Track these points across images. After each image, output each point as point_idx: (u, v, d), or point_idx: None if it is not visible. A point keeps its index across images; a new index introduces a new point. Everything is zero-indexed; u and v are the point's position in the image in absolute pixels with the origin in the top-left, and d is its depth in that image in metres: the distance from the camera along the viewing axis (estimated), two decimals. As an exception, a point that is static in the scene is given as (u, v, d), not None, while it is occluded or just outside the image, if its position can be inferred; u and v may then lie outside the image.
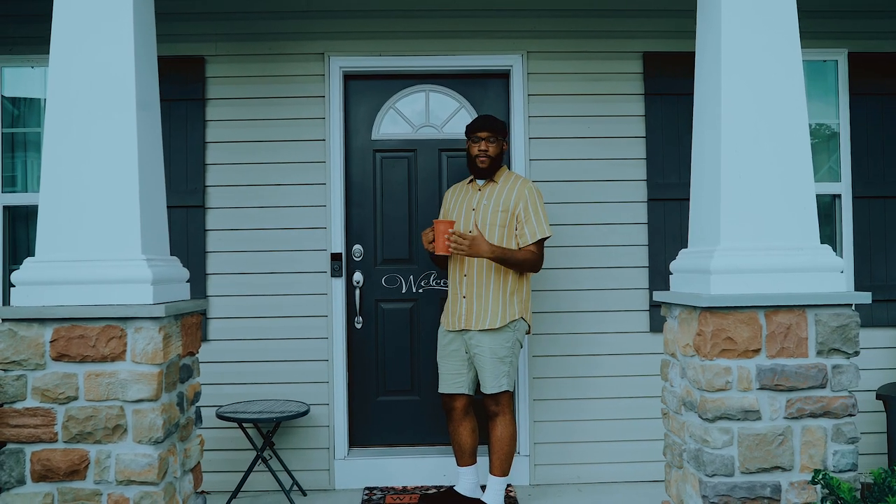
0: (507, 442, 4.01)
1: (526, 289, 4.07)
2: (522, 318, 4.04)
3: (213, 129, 4.63)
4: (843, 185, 4.79)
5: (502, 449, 4.01)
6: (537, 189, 4.09)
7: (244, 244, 4.61)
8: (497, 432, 4.02)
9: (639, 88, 4.72)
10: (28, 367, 2.86)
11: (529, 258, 3.98)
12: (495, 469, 4.04)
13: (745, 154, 2.99)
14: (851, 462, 2.91)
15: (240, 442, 4.46)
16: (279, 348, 4.59)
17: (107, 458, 2.85)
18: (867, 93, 4.77)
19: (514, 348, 4.01)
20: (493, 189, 4.10)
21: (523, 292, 4.05)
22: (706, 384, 2.89)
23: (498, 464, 4.03)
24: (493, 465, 4.04)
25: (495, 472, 4.04)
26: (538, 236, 3.99)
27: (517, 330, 4.03)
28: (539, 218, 4.00)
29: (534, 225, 4.00)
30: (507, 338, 3.99)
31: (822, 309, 2.93)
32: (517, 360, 4.07)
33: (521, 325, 4.05)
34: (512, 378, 4.03)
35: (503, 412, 4.00)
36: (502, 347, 3.97)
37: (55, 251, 2.95)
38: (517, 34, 4.71)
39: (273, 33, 4.66)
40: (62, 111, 2.98)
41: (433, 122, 4.93)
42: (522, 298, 4.05)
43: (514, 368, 4.04)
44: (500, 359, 3.97)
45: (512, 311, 3.99)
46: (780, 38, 3.04)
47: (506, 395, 4.00)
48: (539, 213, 4.01)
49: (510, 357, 3.99)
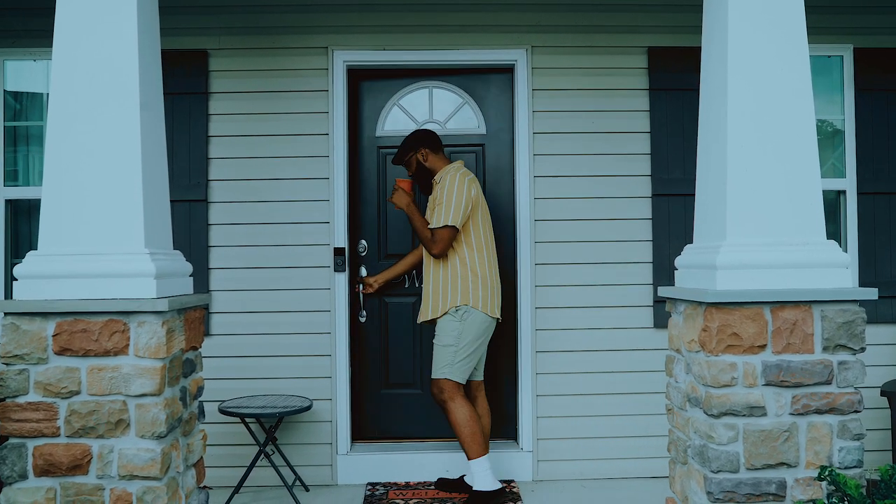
0: (459, 428, 4.07)
1: (469, 277, 4.12)
2: (471, 307, 4.09)
3: (216, 123, 4.62)
4: (848, 181, 4.78)
5: (458, 436, 4.09)
6: (455, 182, 4.13)
7: (247, 239, 4.60)
8: (449, 420, 4.12)
9: (643, 83, 4.70)
10: (30, 361, 2.84)
11: (424, 235, 4.16)
12: (468, 454, 4.11)
13: (751, 149, 2.97)
14: (857, 459, 2.89)
15: (242, 437, 4.45)
16: (282, 343, 4.59)
17: (109, 453, 2.84)
18: (873, 88, 4.75)
19: (460, 337, 4.08)
20: (434, 191, 4.29)
21: (468, 281, 4.11)
22: (711, 380, 2.87)
23: (466, 448, 4.10)
24: (465, 451, 4.13)
25: (470, 456, 4.10)
26: (435, 225, 4.11)
27: (463, 319, 4.09)
28: (441, 209, 4.10)
29: (437, 213, 4.12)
30: (451, 327, 4.10)
31: (828, 305, 2.91)
32: (470, 348, 4.10)
33: (468, 314, 4.10)
34: (462, 368, 4.09)
35: (448, 398, 4.08)
36: (446, 335, 4.10)
37: (58, 245, 2.93)
38: (522, 28, 4.69)
39: (276, 27, 4.64)
40: (65, 104, 2.96)
41: (437, 119, 4.93)
42: (466, 287, 4.11)
43: (464, 357, 4.09)
44: (444, 346, 4.09)
45: (448, 300, 4.11)
46: (786, 34, 3.01)
47: (448, 383, 4.08)
48: (444, 203, 4.10)
49: (454, 346, 4.07)
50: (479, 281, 4.13)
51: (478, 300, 4.11)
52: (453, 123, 4.92)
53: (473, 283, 4.13)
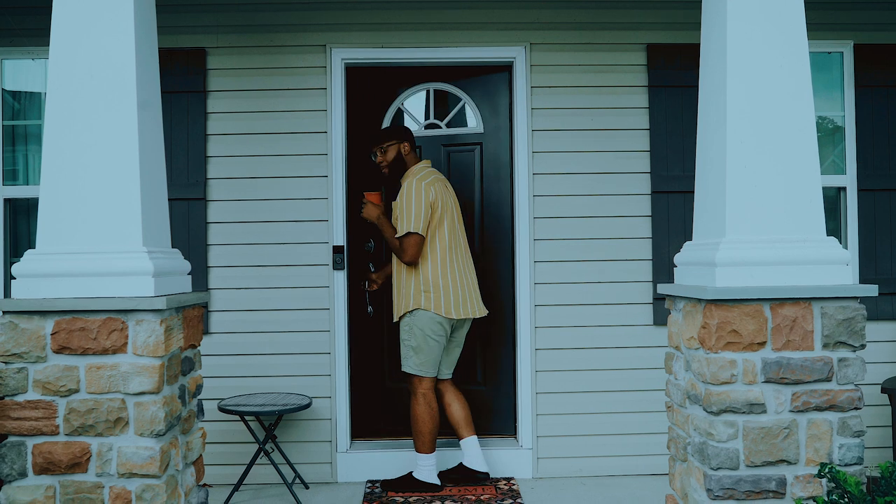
0: (413, 422, 4.34)
1: (422, 281, 4.32)
2: (421, 308, 4.31)
3: (214, 121, 4.61)
4: (848, 177, 4.77)
5: (413, 427, 4.36)
6: (410, 187, 4.29)
7: (246, 237, 4.60)
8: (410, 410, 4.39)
9: (643, 80, 4.69)
10: (29, 359, 2.84)
11: (393, 244, 4.36)
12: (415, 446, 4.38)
13: (751, 146, 2.97)
14: (857, 456, 2.89)
15: (242, 435, 4.45)
16: (281, 341, 4.58)
17: (108, 451, 2.84)
18: (873, 84, 4.74)
19: (412, 334, 4.33)
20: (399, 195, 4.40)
21: (420, 284, 4.33)
22: (711, 377, 2.87)
23: (414, 441, 4.38)
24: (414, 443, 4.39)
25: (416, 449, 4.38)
26: (400, 234, 4.31)
27: (415, 317, 4.33)
28: (403, 216, 4.29)
29: (400, 221, 4.31)
30: (407, 326, 4.36)
31: (828, 302, 2.91)
32: (425, 344, 4.30)
33: (419, 314, 4.32)
34: (421, 362, 4.32)
35: (413, 392, 4.36)
36: (405, 333, 4.37)
37: (56, 243, 2.93)
38: (520, 25, 4.68)
39: (275, 25, 4.63)
40: (63, 103, 2.96)
41: (435, 118, 4.94)
42: (419, 290, 4.32)
43: (423, 353, 4.32)
44: (403, 342, 4.37)
45: (406, 304, 4.35)
46: (786, 30, 3.01)
47: (415, 378, 4.35)
48: (404, 211, 4.29)
49: (411, 342, 4.33)
50: (432, 287, 4.31)
51: (429, 303, 4.30)
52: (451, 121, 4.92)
53: (426, 289, 4.31)
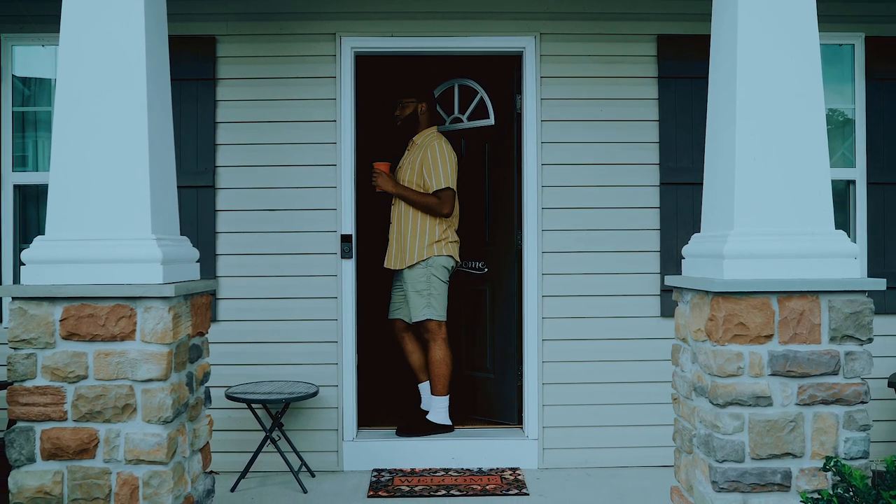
0: (438, 364, 4.68)
1: (437, 233, 4.68)
2: (435, 255, 4.67)
3: (223, 109, 4.61)
4: (857, 170, 4.74)
5: (435, 370, 4.69)
6: (442, 147, 4.68)
7: (254, 225, 4.60)
8: (430, 356, 4.72)
9: (652, 71, 4.67)
10: (38, 345, 2.86)
11: (429, 201, 4.66)
12: (434, 390, 4.72)
13: (760, 138, 2.96)
14: (863, 449, 2.89)
15: (249, 422, 4.46)
16: (288, 329, 4.60)
17: (116, 438, 2.86)
18: (885, 77, 4.70)
19: (430, 282, 4.65)
20: (413, 151, 4.80)
21: (435, 235, 4.67)
22: (717, 369, 2.87)
23: (435, 384, 4.70)
24: (433, 386, 4.73)
25: (434, 392, 4.72)
26: (438, 187, 4.65)
27: (430, 265, 4.66)
28: (440, 173, 4.64)
29: (434, 177, 4.65)
30: (423, 276, 4.66)
31: (836, 295, 2.90)
32: (437, 290, 4.68)
33: (433, 261, 4.67)
34: (436, 308, 4.67)
35: (433, 338, 4.70)
36: (421, 284, 4.66)
37: (65, 230, 2.94)
38: (530, 15, 4.66)
39: (284, 13, 4.63)
40: (72, 90, 2.97)
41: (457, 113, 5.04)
42: (434, 239, 4.67)
43: (437, 298, 4.68)
44: (418, 292, 4.67)
45: (420, 252, 4.66)
46: (796, 22, 2.99)
47: (432, 323, 4.68)
48: (438, 168, 4.64)
49: (429, 290, 4.65)
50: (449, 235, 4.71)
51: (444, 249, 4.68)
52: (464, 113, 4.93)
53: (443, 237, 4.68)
